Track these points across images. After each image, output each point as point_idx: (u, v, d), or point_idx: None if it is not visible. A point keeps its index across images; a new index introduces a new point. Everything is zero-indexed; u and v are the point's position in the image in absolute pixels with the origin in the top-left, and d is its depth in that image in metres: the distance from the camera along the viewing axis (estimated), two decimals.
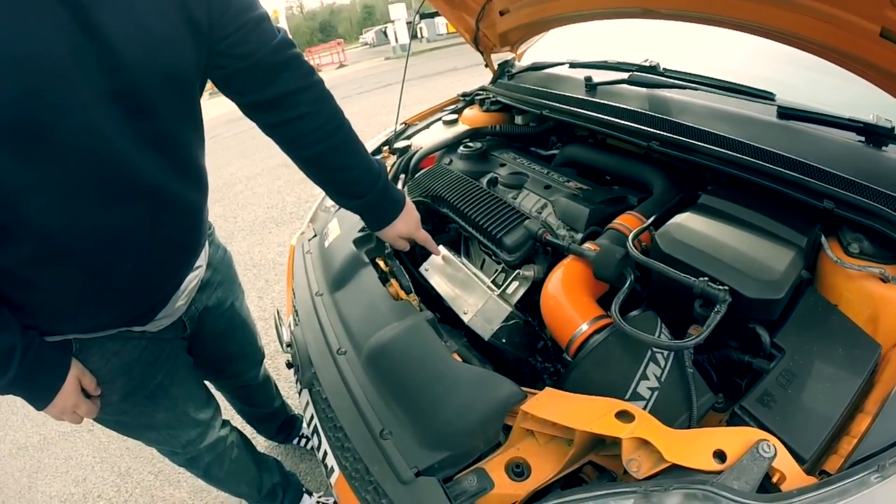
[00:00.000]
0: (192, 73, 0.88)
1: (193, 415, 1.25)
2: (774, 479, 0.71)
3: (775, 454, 0.70)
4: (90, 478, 2.26)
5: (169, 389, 1.16)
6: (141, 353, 1.08)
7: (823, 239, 1.02)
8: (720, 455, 0.71)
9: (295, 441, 2.15)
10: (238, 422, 1.95)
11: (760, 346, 0.93)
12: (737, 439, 0.72)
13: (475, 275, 1.24)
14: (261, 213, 4.80)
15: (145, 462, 2.25)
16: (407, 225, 1.20)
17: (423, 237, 1.26)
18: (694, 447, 0.72)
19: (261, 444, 2.18)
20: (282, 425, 2.04)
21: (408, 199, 1.20)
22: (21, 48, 0.65)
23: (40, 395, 0.94)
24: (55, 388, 0.94)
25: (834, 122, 1.14)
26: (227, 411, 1.86)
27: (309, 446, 2.11)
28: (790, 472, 0.71)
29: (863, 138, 1.10)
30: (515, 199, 1.42)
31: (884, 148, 1.08)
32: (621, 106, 1.41)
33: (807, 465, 0.77)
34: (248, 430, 2.06)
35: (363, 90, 10.95)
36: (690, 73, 1.49)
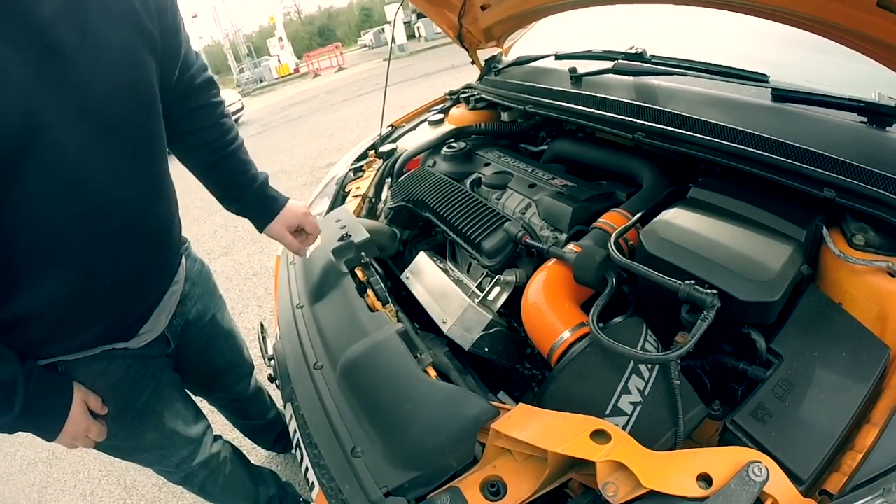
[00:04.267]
0: (152, 87, 0.92)
1: (183, 432, 1.23)
2: None
3: (767, 477, 0.64)
4: (97, 492, 2.28)
5: (156, 408, 1.15)
6: (126, 371, 1.06)
7: (825, 231, 0.95)
8: (705, 479, 0.65)
9: (293, 451, 2.11)
10: (237, 435, 1.93)
11: (756, 353, 0.87)
12: (724, 461, 0.66)
13: (457, 281, 1.18)
14: None
15: (150, 475, 2.23)
16: (288, 220, 1.24)
17: (312, 225, 1.29)
18: (675, 470, 0.66)
19: (260, 454, 2.17)
20: (279, 435, 2.01)
21: (290, 200, 1.27)
22: None
23: (50, 424, 0.92)
24: (64, 414, 0.93)
25: (833, 102, 1.06)
26: (224, 425, 1.85)
27: None
28: (785, 495, 0.65)
29: (865, 119, 1.03)
30: (499, 199, 1.37)
31: (888, 129, 1.00)
32: (605, 97, 1.35)
33: (804, 485, 0.71)
34: (248, 443, 2.04)
35: (362, 92, 10.93)
36: (679, 59, 1.42)
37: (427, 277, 1.21)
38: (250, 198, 1.19)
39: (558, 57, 1.77)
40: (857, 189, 0.91)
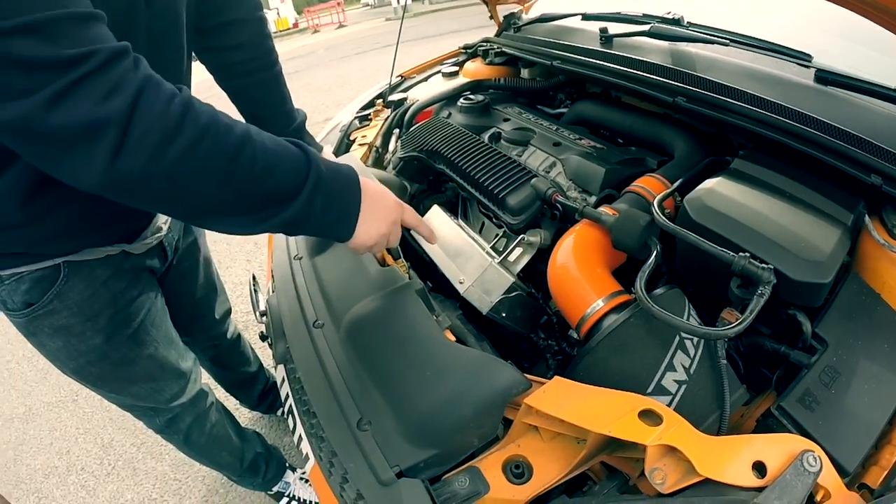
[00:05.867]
0: None
1: (174, 363, 1.18)
2: (818, 497, 0.62)
3: (821, 468, 0.60)
4: (74, 450, 2.21)
5: (150, 331, 1.09)
6: (126, 284, 1.02)
7: (867, 218, 0.91)
8: (759, 468, 0.60)
9: (279, 412, 2.06)
10: (221, 394, 1.86)
11: (798, 336, 0.81)
12: (778, 449, 0.62)
13: (473, 239, 1.10)
14: None
15: (128, 434, 2.20)
16: None
17: None
18: (730, 458, 0.60)
19: (244, 416, 2.11)
20: (263, 392, 1.95)
21: (326, 150, 1.19)
22: None
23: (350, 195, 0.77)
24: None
25: (878, 91, 1.01)
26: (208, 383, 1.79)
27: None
28: (834, 488, 0.62)
29: None
30: (521, 156, 1.27)
31: None
32: (642, 59, 1.25)
33: (848, 478, 0.68)
34: (231, 404, 1.99)
35: (362, 50, 10.59)
36: (716, 29, 1.33)
37: (441, 233, 1.12)
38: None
39: (585, 17, 1.66)
40: None
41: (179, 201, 0.63)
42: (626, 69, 1.25)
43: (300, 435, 0.90)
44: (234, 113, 1.10)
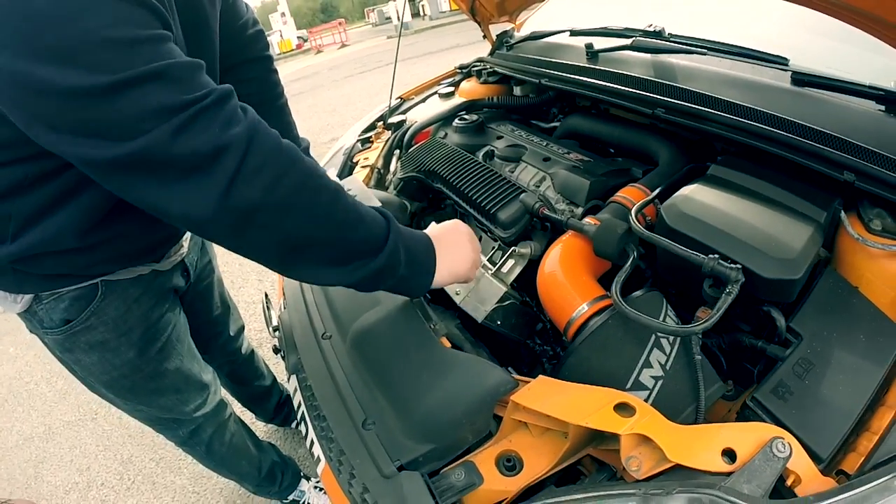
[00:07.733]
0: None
1: (198, 375, 1.25)
2: (789, 482, 0.65)
3: (790, 454, 0.64)
4: (93, 466, 2.27)
5: (176, 346, 1.17)
6: (155, 301, 1.09)
7: (843, 214, 0.95)
8: (730, 454, 0.65)
9: (294, 424, 2.12)
10: (237, 408, 1.93)
11: (775, 331, 0.86)
12: (748, 436, 0.66)
13: None
14: None
15: (147, 449, 2.26)
16: None
17: None
18: (700, 445, 0.65)
19: (260, 429, 2.17)
20: (278, 405, 2.02)
21: (330, 175, 1.27)
22: None
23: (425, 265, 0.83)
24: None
25: (853, 89, 1.05)
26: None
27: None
28: (806, 473, 0.65)
29: (883, 107, 1.01)
30: (513, 172, 1.34)
31: None
32: (623, 73, 1.32)
33: (823, 464, 0.71)
34: (248, 418, 2.05)
35: (365, 69, 10.79)
36: (697, 38, 1.39)
37: None
38: None
39: (573, 33, 1.73)
40: (877, 174, 0.90)
41: (285, 238, 0.64)
42: (608, 84, 1.32)
43: (312, 439, 0.97)
44: None
